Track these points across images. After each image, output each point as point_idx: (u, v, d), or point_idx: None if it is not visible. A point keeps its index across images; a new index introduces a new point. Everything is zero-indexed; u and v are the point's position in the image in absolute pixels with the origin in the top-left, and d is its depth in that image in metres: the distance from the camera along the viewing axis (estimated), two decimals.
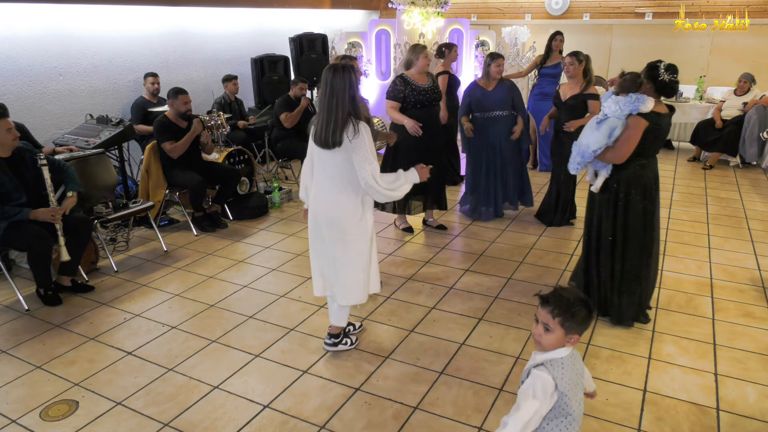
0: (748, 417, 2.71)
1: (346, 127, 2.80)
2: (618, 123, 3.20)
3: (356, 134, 2.80)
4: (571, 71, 4.92)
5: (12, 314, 3.77)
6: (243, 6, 7.58)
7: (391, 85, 4.64)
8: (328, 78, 2.83)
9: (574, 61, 4.87)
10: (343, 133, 2.80)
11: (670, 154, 8.14)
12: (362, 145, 2.81)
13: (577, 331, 1.75)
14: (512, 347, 3.32)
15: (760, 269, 4.33)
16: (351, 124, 2.81)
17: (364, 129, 2.83)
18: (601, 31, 9.22)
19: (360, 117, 2.85)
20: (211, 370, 3.14)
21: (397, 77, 4.66)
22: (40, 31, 5.48)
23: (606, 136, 3.22)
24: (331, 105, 2.82)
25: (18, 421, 2.74)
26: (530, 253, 4.68)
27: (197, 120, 5.08)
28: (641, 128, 3.15)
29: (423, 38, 9.15)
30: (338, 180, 2.92)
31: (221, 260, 4.62)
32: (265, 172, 6.77)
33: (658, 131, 3.23)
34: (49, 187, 3.79)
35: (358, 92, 2.89)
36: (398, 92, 4.58)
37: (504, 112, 5.16)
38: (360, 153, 2.81)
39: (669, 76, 3.15)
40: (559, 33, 6.82)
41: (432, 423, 2.70)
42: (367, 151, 2.83)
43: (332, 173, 2.93)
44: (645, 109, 3.12)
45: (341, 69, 2.82)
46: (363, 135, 2.82)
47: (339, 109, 2.81)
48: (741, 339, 3.37)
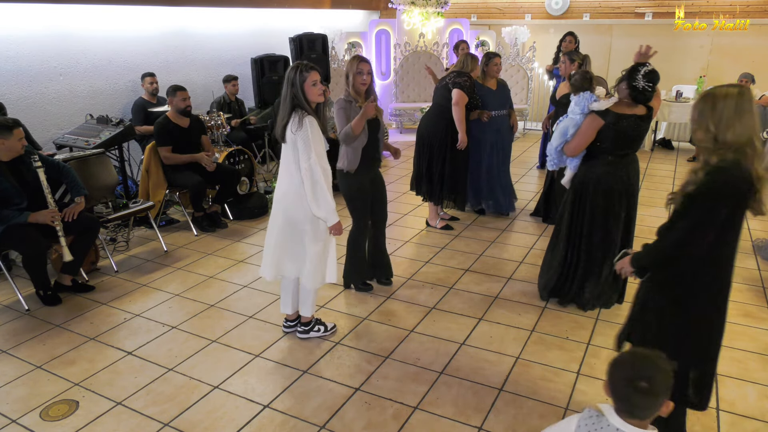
0: (747, 417, 2.71)
1: (291, 121, 2.96)
2: (570, 123, 3.42)
3: (299, 127, 2.94)
4: (562, 70, 5.05)
5: (12, 314, 3.78)
6: (243, 6, 7.58)
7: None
8: (286, 74, 3.04)
9: (566, 60, 5.01)
10: (286, 127, 2.98)
11: (670, 154, 8.14)
12: (304, 138, 2.93)
13: (607, 387, 1.56)
14: (512, 347, 3.32)
15: (760, 269, 4.33)
16: (297, 117, 2.95)
17: (309, 123, 2.95)
18: (601, 31, 9.22)
19: (309, 112, 2.99)
20: (211, 370, 3.14)
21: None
22: (40, 31, 5.48)
23: (561, 135, 3.48)
24: (282, 99, 3.03)
25: (18, 421, 2.74)
26: (530, 253, 4.68)
27: (205, 154, 5.12)
28: (593, 126, 3.28)
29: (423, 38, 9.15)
30: (289, 171, 3.08)
31: (221, 260, 4.62)
32: (265, 172, 6.77)
33: (617, 131, 3.25)
34: (46, 189, 3.79)
35: (304, 90, 2.99)
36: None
37: (504, 111, 5.19)
38: (300, 145, 2.96)
39: (644, 83, 3.13)
40: (570, 34, 6.76)
41: (432, 423, 2.70)
42: (309, 145, 2.94)
43: (285, 164, 3.11)
44: (596, 107, 3.28)
45: (294, 67, 3.00)
46: (307, 128, 2.94)
47: (285, 103, 3.00)
48: (741, 339, 3.37)
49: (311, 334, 3.42)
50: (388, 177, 6.98)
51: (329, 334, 3.45)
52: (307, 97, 2.99)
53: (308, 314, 3.40)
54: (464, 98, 4.71)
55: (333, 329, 3.49)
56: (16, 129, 3.69)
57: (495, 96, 5.12)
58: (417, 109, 8.92)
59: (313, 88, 3.00)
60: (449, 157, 4.89)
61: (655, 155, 8.08)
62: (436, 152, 4.91)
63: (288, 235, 3.20)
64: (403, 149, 4.68)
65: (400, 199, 6.14)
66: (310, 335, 3.42)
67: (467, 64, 4.84)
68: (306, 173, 2.96)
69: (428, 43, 9.20)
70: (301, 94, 2.97)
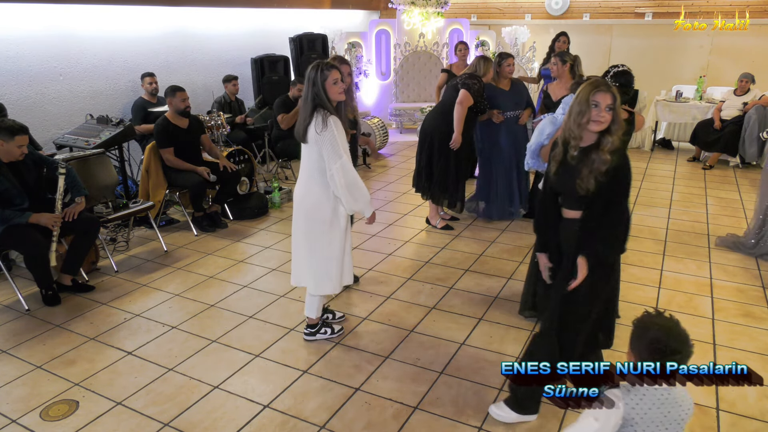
0: (748, 417, 2.71)
1: (314, 120, 2.92)
2: (549, 121, 3.39)
3: (324, 127, 2.90)
4: (555, 72, 5.02)
5: (12, 314, 3.78)
6: (243, 6, 7.58)
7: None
8: (306, 74, 3.00)
9: (557, 62, 4.99)
10: (310, 126, 2.94)
11: (670, 154, 8.14)
12: (330, 139, 2.91)
13: (632, 351, 1.73)
14: (512, 347, 3.32)
15: (760, 269, 4.33)
16: (320, 117, 2.92)
17: (333, 123, 2.92)
18: (601, 31, 9.22)
19: (331, 111, 2.95)
20: (211, 370, 3.14)
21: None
22: (40, 31, 5.48)
23: (538, 134, 3.45)
24: (303, 99, 3.00)
25: (18, 421, 2.74)
26: (530, 253, 4.67)
27: (206, 171, 5.11)
28: None
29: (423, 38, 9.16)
30: (312, 172, 3.05)
31: (221, 260, 4.62)
32: (265, 172, 6.77)
33: None
34: (60, 195, 3.81)
35: (325, 89, 2.96)
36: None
37: (518, 112, 5.17)
38: (327, 146, 2.92)
39: (613, 83, 3.12)
40: (563, 34, 6.75)
41: (432, 423, 2.70)
42: (337, 145, 2.92)
43: (308, 165, 3.08)
44: None
45: (315, 66, 2.96)
46: (332, 128, 2.91)
47: (306, 103, 2.97)
48: (741, 339, 3.37)
49: (318, 336, 3.40)
50: (389, 177, 6.98)
51: (336, 337, 3.43)
52: (328, 96, 2.96)
53: (314, 316, 3.37)
54: (469, 100, 4.71)
55: (340, 332, 3.46)
56: (19, 135, 3.67)
57: (508, 97, 5.10)
58: (417, 109, 8.92)
59: (334, 87, 2.96)
60: (448, 154, 4.90)
61: (655, 155, 8.08)
62: (436, 148, 4.92)
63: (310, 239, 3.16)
64: (403, 149, 4.69)
65: (400, 199, 6.14)
66: (316, 337, 3.40)
67: (480, 67, 4.81)
68: (339, 172, 2.93)
69: (428, 43, 9.20)
70: (323, 92, 2.94)
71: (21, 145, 3.70)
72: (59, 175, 3.83)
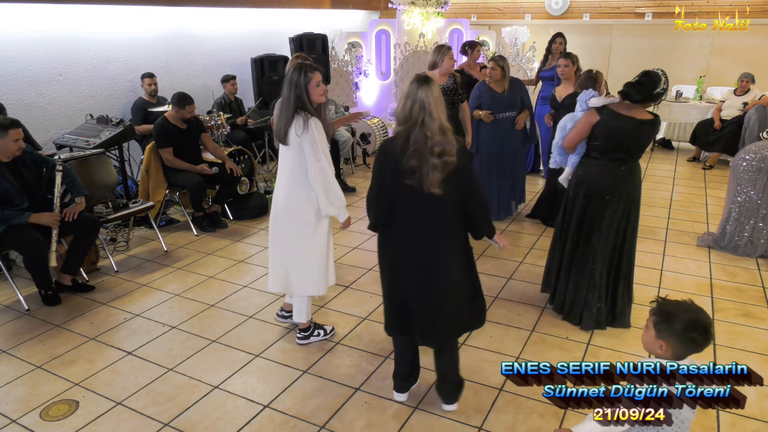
0: (748, 417, 2.71)
1: (295, 122, 2.92)
2: (570, 118, 3.49)
3: (306, 129, 2.90)
4: (566, 73, 5.03)
5: (12, 314, 3.78)
6: (243, 6, 7.57)
7: None
8: (288, 76, 2.98)
9: (569, 63, 5.01)
10: (289, 130, 2.94)
11: (670, 154, 8.14)
12: (311, 140, 2.91)
13: (667, 338, 1.73)
14: (512, 347, 3.32)
15: (760, 269, 4.33)
16: (301, 119, 2.91)
17: (314, 125, 2.92)
18: (601, 31, 9.22)
19: (313, 113, 2.95)
20: (211, 370, 3.14)
21: None
22: (40, 32, 5.48)
23: (561, 129, 3.55)
24: (285, 101, 2.97)
25: (18, 421, 2.74)
26: (530, 253, 4.67)
27: (206, 166, 5.12)
28: (588, 121, 3.28)
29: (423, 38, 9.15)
30: (294, 174, 3.05)
31: (221, 260, 4.62)
32: (265, 172, 6.77)
33: (609, 130, 3.20)
34: (58, 193, 3.81)
35: (308, 92, 2.94)
36: None
37: (510, 114, 5.17)
38: (308, 148, 2.93)
39: (626, 88, 3.17)
40: (560, 35, 6.75)
41: (432, 423, 2.70)
42: (317, 147, 2.93)
43: (288, 167, 3.07)
44: (592, 103, 3.32)
45: (297, 68, 2.96)
46: (313, 130, 2.91)
47: (288, 104, 2.95)
48: (741, 339, 3.37)
49: (311, 340, 3.39)
50: None
51: (329, 337, 3.44)
52: (311, 98, 2.96)
53: (304, 320, 3.35)
54: (435, 76, 4.65)
55: (332, 332, 3.47)
56: (12, 129, 3.65)
57: (498, 98, 5.09)
58: None
59: (316, 89, 2.96)
60: None
61: (655, 155, 8.08)
62: None
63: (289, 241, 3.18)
64: None
65: None
66: (310, 341, 3.39)
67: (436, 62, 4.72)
68: (317, 174, 2.94)
69: (428, 43, 9.19)
70: (305, 95, 2.93)
71: (17, 138, 3.67)
72: (57, 172, 3.82)
